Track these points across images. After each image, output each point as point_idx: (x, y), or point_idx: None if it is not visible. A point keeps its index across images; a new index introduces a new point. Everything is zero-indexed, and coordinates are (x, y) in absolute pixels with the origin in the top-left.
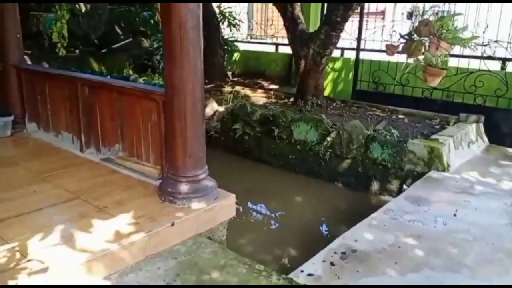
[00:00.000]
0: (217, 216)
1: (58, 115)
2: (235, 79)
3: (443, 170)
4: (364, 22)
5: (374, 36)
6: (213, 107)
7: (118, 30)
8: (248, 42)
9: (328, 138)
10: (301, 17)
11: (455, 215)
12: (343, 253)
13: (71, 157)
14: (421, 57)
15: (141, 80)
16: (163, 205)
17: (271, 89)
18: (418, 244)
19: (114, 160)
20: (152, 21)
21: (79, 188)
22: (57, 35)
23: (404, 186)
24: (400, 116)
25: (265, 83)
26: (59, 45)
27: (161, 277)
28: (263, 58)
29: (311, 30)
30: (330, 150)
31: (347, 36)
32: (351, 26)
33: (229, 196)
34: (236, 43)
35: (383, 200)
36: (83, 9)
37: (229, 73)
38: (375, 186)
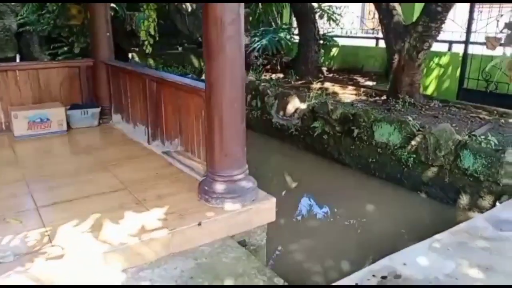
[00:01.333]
0: (253, 219)
1: (135, 108)
2: (331, 75)
3: None
4: (477, 12)
5: (487, 28)
6: (294, 104)
7: None
8: (348, 36)
9: (413, 142)
10: (398, 8)
11: None
12: (383, 277)
13: (139, 148)
14: None
15: None
16: (198, 203)
17: (364, 86)
18: (484, 279)
19: (171, 153)
20: (250, 18)
21: (131, 179)
22: (144, 33)
23: (497, 204)
24: (510, 121)
25: (361, 80)
26: (146, 42)
27: (174, 277)
28: (361, 53)
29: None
30: (414, 155)
31: (457, 28)
32: (462, 16)
33: (269, 199)
34: (336, 38)
35: (472, 217)
36: (189, 9)
37: (325, 69)
38: (464, 200)
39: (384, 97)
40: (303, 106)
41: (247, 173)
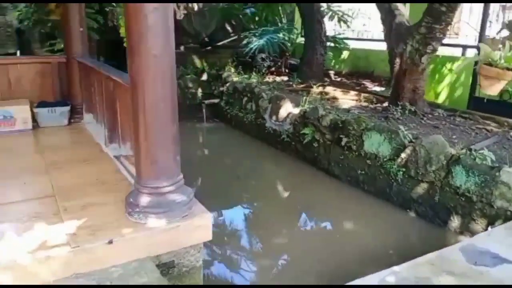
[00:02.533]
0: (181, 238)
1: (101, 107)
2: (338, 79)
3: None
4: (492, 13)
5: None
6: (287, 108)
7: (228, 27)
8: (360, 39)
9: (403, 155)
10: (401, 7)
11: None
12: None
13: (97, 151)
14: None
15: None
16: (122, 217)
17: (368, 92)
18: None
19: (120, 158)
20: (257, 18)
21: (66, 185)
22: (124, 30)
23: (489, 228)
24: None
25: (369, 85)
26: (125, 39)
27: None
28: (372, 57)
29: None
30: (404, 169)
31: (472, 31)
32: (477, 18)
33: (203, 216)
34: (347, 41)
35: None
36: (195, 8)
37: (333, 72)
38: (454, 222)
39: (385, 104)
40: (296, 111)
41: (181, 184)
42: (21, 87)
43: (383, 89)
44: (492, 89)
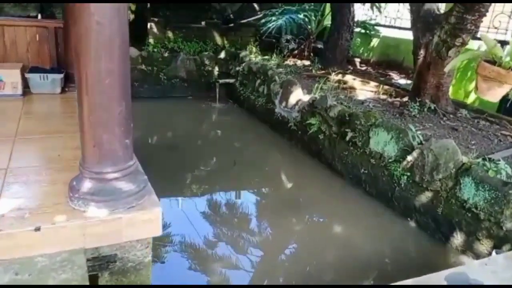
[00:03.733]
0: (123, 231)
1: None
2: (364, 67)
3: None
4: None
5: None
6: (297, 95)
7: (255, 5)
8: (391, 26)
9: (409, 157)
10: None
11: None
12: None
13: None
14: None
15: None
16: (61, 202)
17: (388, 83)
18: None
19: None
20: None
21: (23, 158)
22: None
23: (494, 253)
24: None
25: (396, 77)
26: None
27: None
28: (403, 46)
29: None
30: (409, 173)
31: None
32: None
33: (152, 210)
34: (378, 28)
35: (463, 263)
36: None
37: (358, 60)
38: (457, 239)
39: (405, 99)
40: (306, 98)
41: (130, 171)
42: (17, 51)
43: (409, 82)
44: (491, 94)
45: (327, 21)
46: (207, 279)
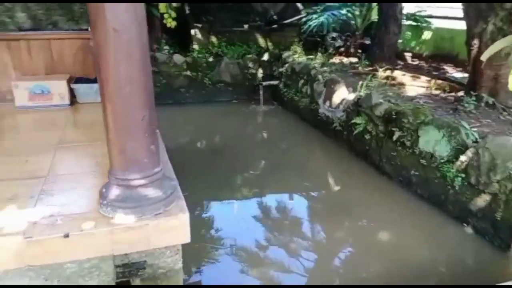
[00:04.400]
0: (151, 238)
1: None
2: (415, 62)
3: None
4: None
5: None
6: (341, 93)
7: (299, 5)
8: (444, 17)
9: (463, 157)
10: None
11: None
12: None
13: None
14: None
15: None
16: (92, 209)
17: (440, 78)
18: None
19: None
20: None
21: (63, 166)
22: (164, 6)
23: None
24: None
25: (451, 71)
26: (166, 16)
27: None
28: (458, 38)
29: None
30: (463, 175)
31: None
32: None
33: (179, 217)
34: (429, 19)
35: None
36: None
37: (409, 55)
38: None
39: (461, 93)
40: (350, 97)
41: (157, 178)
42: (63, 63)
43: (465, 75)
44: None
45: (375, 15)
46: (259, 282)
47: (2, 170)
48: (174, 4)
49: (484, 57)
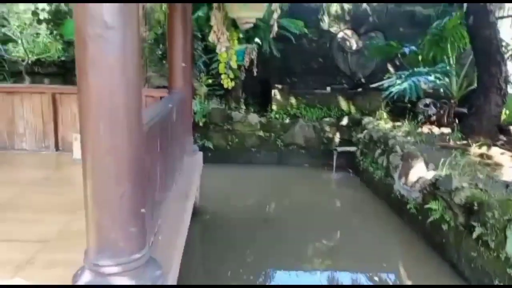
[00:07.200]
0: None
1: None
2: None
3: None
4: None
5: None
6: (419, 170)
7: (391, 68)
8: None
9: None
10: None
11: None
12: None
13: None
14: None
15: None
16: None
17: None
18: None
19: None
20: (420, 57)
21: (73, 231)
22: (223, 65)
23: None
24: None
25: None
26: (223, 76)
27: None
28: None
29: None
30: None
31: None
32: None
33: None
34: None
35: None
36: (354, 47)
37: None
38: None
39: None
40: (428, 175)
41: (134, 266)
42: None
43: None
44: None
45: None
46: None
47: (6, 230)
48: (238, 64)
49: None
